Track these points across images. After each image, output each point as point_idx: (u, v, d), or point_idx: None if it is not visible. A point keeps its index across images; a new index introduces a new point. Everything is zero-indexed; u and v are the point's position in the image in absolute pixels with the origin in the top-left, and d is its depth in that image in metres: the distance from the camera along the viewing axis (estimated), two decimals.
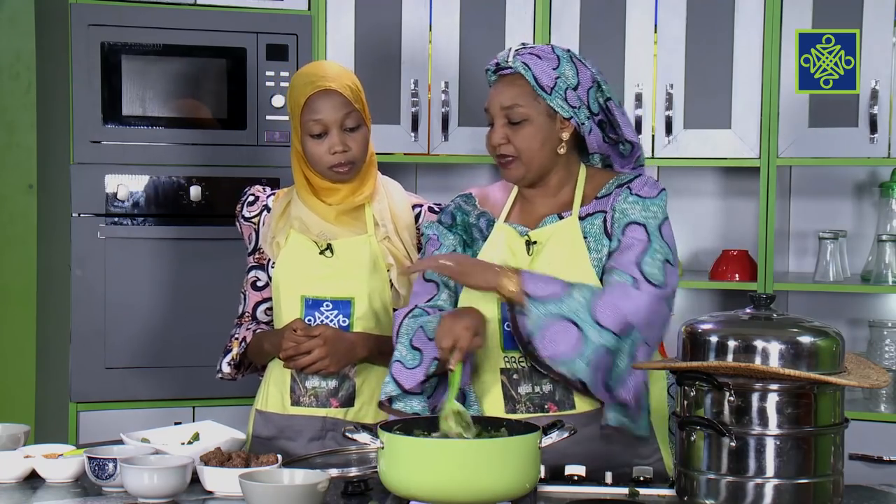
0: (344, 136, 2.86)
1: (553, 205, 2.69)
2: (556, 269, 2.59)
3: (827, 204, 4.32)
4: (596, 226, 2.63)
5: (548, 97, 2.62)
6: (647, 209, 2.62)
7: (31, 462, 2.54)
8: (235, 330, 2.99)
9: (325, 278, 2.88)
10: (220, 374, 2.97)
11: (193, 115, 4.00)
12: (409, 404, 2.58)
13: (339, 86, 2.86)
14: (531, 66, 2.62)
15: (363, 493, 2.41)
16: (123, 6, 3.92)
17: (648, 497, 2.39)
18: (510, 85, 2.65)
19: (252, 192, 3.02)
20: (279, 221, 2.94)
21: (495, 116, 2.66)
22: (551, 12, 4.08)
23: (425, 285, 2.72)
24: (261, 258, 2.97)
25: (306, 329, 2.79)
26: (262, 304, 2.98)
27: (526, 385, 2.60)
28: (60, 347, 4.05)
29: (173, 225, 3.95)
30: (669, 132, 4.04)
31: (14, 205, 4.91)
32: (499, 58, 2.68)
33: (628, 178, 2.67)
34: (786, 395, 2.18)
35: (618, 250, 2.58)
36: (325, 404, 2.86)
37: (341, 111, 2.85)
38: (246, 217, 3.00)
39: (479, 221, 2.73)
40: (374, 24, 4.11)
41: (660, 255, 2.57)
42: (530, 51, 2.66)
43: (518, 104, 2.63)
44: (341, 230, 2.91)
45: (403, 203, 2.98)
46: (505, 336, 2.61)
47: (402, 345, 2.61)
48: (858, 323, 4.22)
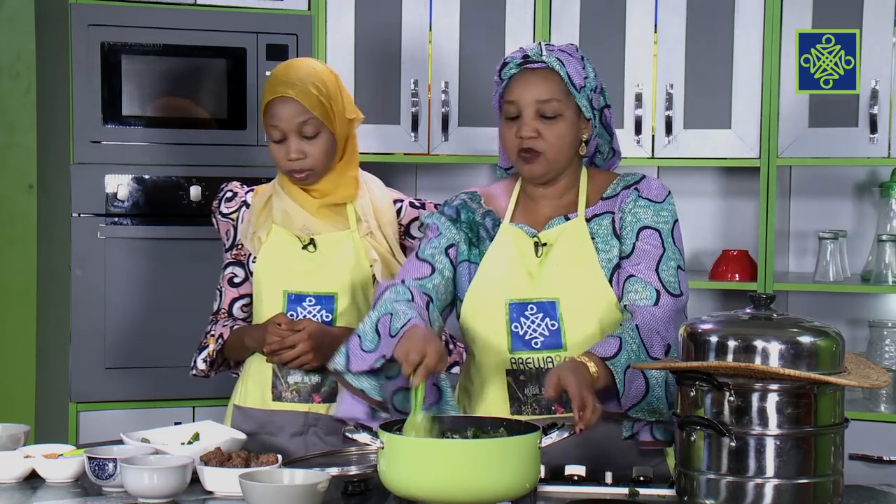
0: (301, 144, 2.86)
1: (558, 206, 2.68)
2: (565, 270, 2.59)
3: (827, 204, 4.32)
4: (604, 226, 2.63)
5: (577, 96, 2.62)
6: (659, 214, 2.62)
7: (31, 462, 2.53)
8: (211, 327, 2.98)
9: (307, 273, 2.88)
10: (195, 370, 2.96)
11: (193, 115, 4.00)
12: (358, 381, 2.55)
13: (299, 92, 2.84)
14: (565, 63, 2.61)
15: (363, 493, 2.41)
16: (123, 6, 3.92)
17: (648, 497, 2.39)
18: (545, 79, 2.62)
19: (230, 189, 3.02)
20: (260, 216, 2.93)
21: (525, 109, 2.62)
22: (551, 12, 4.08)
23: (418, 263, 2.69)
24: (239, 254, 2.97)
25: (290, 323, 2.79)
26: (239, 300, 2.97)
27: (533, 386, 2.59)
28: (60, 347, 4.05)
29: (173, 225, 3.95)
30: (669, 132, 4.04)
31: (14, 205, 4.91)
32: (528, 51, 2.65)
33: (634, 180, 2.67)
34: (786, 395, 2.18)
35: (633, 255, 2.59)
36: (307, 399, 2.87)
37: (298, 118, 2.85)
38: (224, 213, 2.99)
39: (485, 220, 2.71)
40: (374, 24, 4.11)
41: (673, 261, 2.60)
42: (559, 48, 2.64)
43: (555, 98, 2.60)
44: (324, 225, 2.91)
45: (385, 199, 2.97)
46: (513, 337, 2.60)
47: (370, 319, 2.57)
48: (858, 323, 4.22)
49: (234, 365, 3.01)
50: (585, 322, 2.58)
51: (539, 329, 2.59)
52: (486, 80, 4.09)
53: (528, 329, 2.59)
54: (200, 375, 2.97)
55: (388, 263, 2.91)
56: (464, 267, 2.68)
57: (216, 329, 2.96)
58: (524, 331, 2.60)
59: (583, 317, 2.59)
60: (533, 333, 2.59)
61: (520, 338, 2.59)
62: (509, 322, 2.61)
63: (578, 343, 2.57)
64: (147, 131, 3.94)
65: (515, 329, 2.60)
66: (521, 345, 2.59)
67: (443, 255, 2.68)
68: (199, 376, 2.98)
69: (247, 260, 2.96)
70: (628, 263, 2.59)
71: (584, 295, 2.59)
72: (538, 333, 2.59)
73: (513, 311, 2.60)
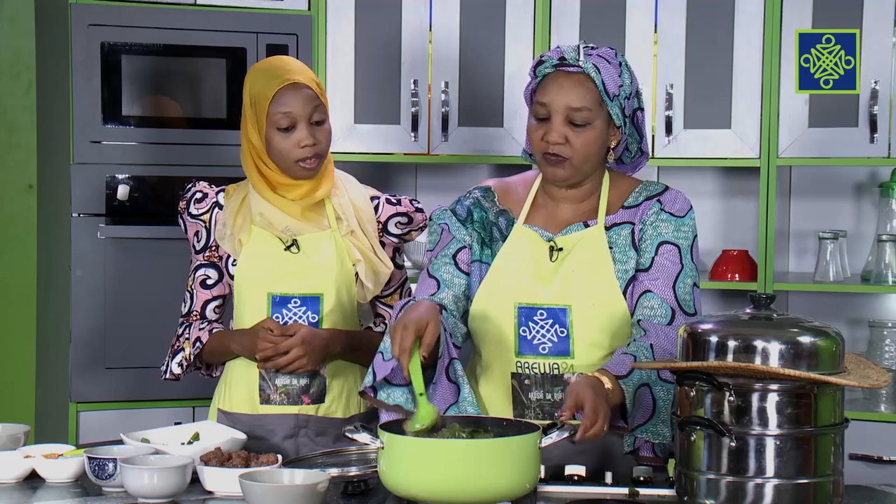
0: (312, 130, 2.85)
1: (577, 211, 2.65)
2: (580, 278, 2.57)
3: (827, 204, 4.32)
4: (622, 237, 2.61)
5: (610, 104, 2.58)
6: (679, 229, 2.61)
7: (31, 462, 2.53)
8: (184, 329, 2.95)
9: (291, 275, 2.86)
10: (168, 374, 2.93)
11: (193, 115, 4.00)
12: (391, 395, 2.55)
13: (307, 79, 2.85)
14: (601, 71, 2.56)
15: (363, 493, 2.41)
16: (123, 6, 3.92)
17: (648, 497, 2.39)
18: (579, 85, 2.57)
19: (199, 189, 2.96)
20: (237, 218, 2.89)
21: (555, 114, 2.57)
22: (551, 12, 4.08)
23: (427, 280, 2.68)
24: (212, 256, 2.93)
25: (281, 328, 2.78)
26: (212, 301, 2.95)
27: (538, 391, 2.58)
28: (60, 347, 4.05)
29: (173, 225, 3.93)
30: (669, 132, 4.04)
31: (14, 205, 4.91)
32: (565, 53, 2.60)
33: (657, 191, 2.65)
34: (786, 395, 2.18)
35: (651, 270, 2.58)
36: (296, 402, 2.86)
37: (310, 104, 2.84)
38: (193, 214, 2.94)
39: (499, 220, 2.68)
40: (374, 24, 4.11)
41: (690, 279, 2.59)
42: (598, 53, 2.60)
43: (587, 107, 2.56)
44: (305, 225, 2.89)
45: (362, 196, 2.96)
46: (520, 341, 2.59)
47: (388, 335, 2.56)
48: (858, 323, 4.22)
49: (204, 367, 2.98)
50: (595, 332, 2.57)
51: (548, 335, 2.58)
52: (487, 81, 4.12)
53: (537, 334, 2.58)
54: (171, 379, 2.95)
55: (371, 262, 2.89)
56: (475, 267, 2.66)
57: (191, 332, 2.92)
58: (532, 335, 2.58)
59: (594, 326, 2.57)
60: (541, 339, 2.58)
61: (527, 342, 2.58)
62: (517, 326, 2.59)
63: (586, 352, 2.56)
64: (147, 131, 3.94)
65: (523, 333, 2.59)
66: (528, 349, 2.58)
67: (451, 265, 2.66)
68: (169, 380, 2.96)
69: (223, 262, 2.91)
70: (645, 277, 2.58)
71: (598, 304, 2.57)
72: (546, 339, 2.58)
73: (522, 315, 2.59)
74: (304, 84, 2.84)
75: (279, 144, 2.84)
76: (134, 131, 3.93)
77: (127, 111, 3.92)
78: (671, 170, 4.32)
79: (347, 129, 4.08)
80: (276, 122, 2.83)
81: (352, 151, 4.09)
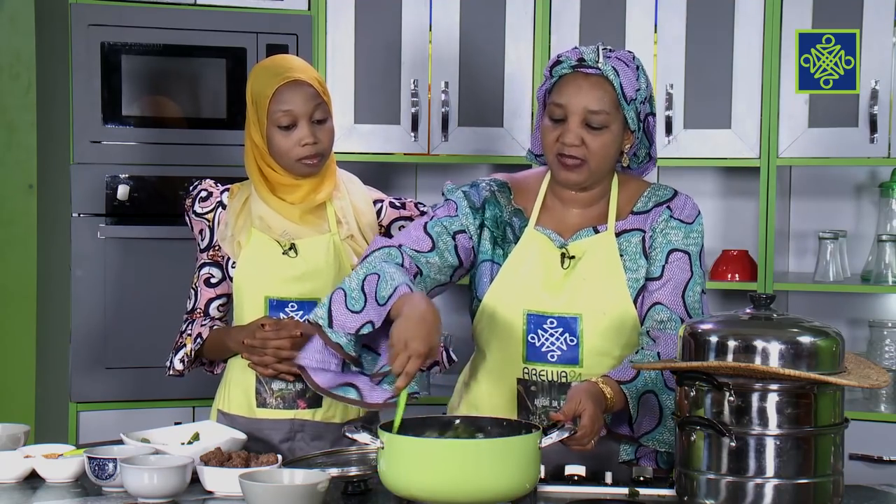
0: (314, 128, 2.84)
1: (587, 215, 2.63)
2: (591, 287, 2.56)
3: (827, 204, 4.31)
4: (633, 244, 2.59)
5: (626, 108, 2.56)
6: (689, 236, 2.60)
7: (31, 462, 2.53)
8: (187, 326, 2.95)
9: (289, 279, 2.85)
10: (171, 371, 2.93)
11: (193, 115, 4.00)
12: (336, 335, 2.51)
13: (308, 77, 2.84)
14: (620, 74, 2.54)
15: (363, 493, 2.41)
16: (123, 6, 3.92)
17: (648, 497, 2.39)
18: (597, 88, 2.54)
19: (203, 188, 2.96)
20: (238, 219, 2.89)
21: (572, 115, 2.55)
22: (551, 12, 4.08)
23: (422, 235, 2.62)
24: (215, 255, 2.92)
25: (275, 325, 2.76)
26: (216, 300, 2.94)
27: (544, 398, 2.57)
28: (60, 347, 4.05)
29: (173, 225, 3.95)
30: (669, 132, 4.04)
31: (14, 205, 4.91)
32: (584, 54, 2.57)
33: (667, 196, 2.63)
34: (786, 395, 2.18)
35: (661, 279, 2.57)
36: (292, 406, 2.85)
37: (311, 102, 2.83)
38: (198, 213, 2.93)
39: (513, 220, 2.65)
40: (374, 23, 4.11)
41: (699, 286, 2.59)
42: (616, 55, 2.57)
43: (605, 110, 2.54)
44: (304, 229, 2.87)
45: (365, 199, 2.95)
46: (528, 348, 2.58)
47: (357, 275, 2.52)
48: (858, 323, 4.22)
49: (208, 363, 2.98)
50: (605, 341, 2.56)
51: (557, 343, 2.57)
52: (487, 81, 4.12)
53: (546, 342, 2.57)
54: (176, 375, 2.95)
55: None
56: (486, 266, 2.64)
57: (193, 328, 2.92)
58: (541, 343, 2.57)
59: (604, 335, 2.56)
60: (550, 347, 2.57)
61: (536, 349, 2.57)
62: (526, 333, 2.58)
63: (594, 361, 2.56)
64: (147, 131, 3.94)
65: (532, 340, 2.58)
66: (536, 356, 2.57)
67: (448, 237, 2.63)
68: (174, 376, 2.96)
69: (224, 262, 2.91)
70: (655, 286, 2.57)
71: (609, 314, 2.56)
72: (556, 347, 2.57)
73: (531, 323, 2.58)
74: (306, 82, 2.83)
75: (280, 143, 2.83)
76: (134, 131, 3.93)
77: (127, 111, 3.92)
78: (671, 170, 4.32)
79: (347, 128, 4.08)
80: (277, 120, 2.82)
81: (352, 151, 4.09)
